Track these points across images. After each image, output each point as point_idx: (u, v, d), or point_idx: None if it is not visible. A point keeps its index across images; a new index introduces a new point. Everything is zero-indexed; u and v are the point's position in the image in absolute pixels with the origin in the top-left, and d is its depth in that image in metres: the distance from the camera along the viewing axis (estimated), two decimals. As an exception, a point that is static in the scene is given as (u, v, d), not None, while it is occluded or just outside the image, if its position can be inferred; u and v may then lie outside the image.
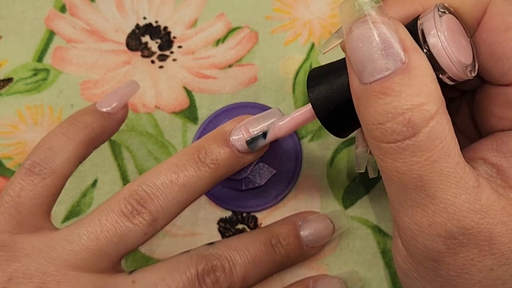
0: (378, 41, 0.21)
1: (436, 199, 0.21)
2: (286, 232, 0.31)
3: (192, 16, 0.35)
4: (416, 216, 0.22)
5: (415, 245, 0.23)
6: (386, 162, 0.22)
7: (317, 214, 0.32)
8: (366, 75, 0.21)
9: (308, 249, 0.32)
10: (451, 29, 0.22)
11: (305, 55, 0.35)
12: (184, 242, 0.33)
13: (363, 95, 0.22)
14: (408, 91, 0.21)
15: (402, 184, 0.22)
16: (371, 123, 0.22)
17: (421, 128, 0.21)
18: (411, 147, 0.21)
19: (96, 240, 0.26)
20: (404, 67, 0.21)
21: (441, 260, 0.22)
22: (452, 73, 0.22)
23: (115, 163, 0.34)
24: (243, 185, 0.32)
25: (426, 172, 0.21)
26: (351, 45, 0.21)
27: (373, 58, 0.21)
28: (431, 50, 0.22)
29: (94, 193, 0.34)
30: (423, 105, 0.21)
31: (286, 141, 0.34)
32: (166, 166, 0.27)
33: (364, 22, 0.21)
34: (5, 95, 0.35)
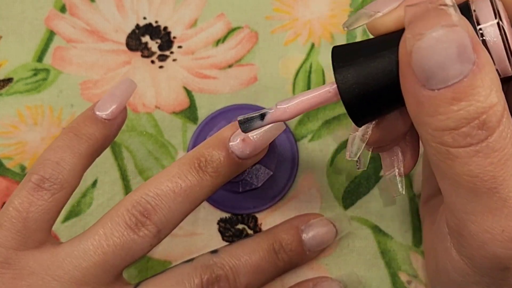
0: (455, 47, 0.19)
1: (509, 200, 0.20)
2: (289, 237, 0.31)
3: (192, 16, 0.35)
4: (487, 222, 0.21)
5: (482, 254, 0.22)
6: (455, 167, 0.20)
7: (319, 218, 0.32)
8: (436, 82, 0.19)
9: (310, 253, 0.32)
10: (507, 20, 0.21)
11: (305, 55, 0.35)
12: (184, 242, 0.33)
13: (429, 101, 0.20)
14: (482, 92, 0.19)
15: (474, 188, 0.21)
16: (440, 129, 0.20)
17: (495, 128, 0.20)
18: (485, 148, 0.20)
19: (103, 255, 0.25)
20: (475, 68, 0.19)
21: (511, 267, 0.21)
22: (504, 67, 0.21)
23: (115, 163, 0.34)
24: (240, 187, 0.32)
25: (500, 172, 0.20)
26: (421, 52, 0.19)
27: (448, 64, 0.19)
28: (487, 41, 0.20)
29: (94, 193, 0.34)
30: (495, 105, 0.20)
31: (282, 143, 0.34)
32: (168, 176, 0.26)
33: (443, 27, 0.19)
34: (5, 95, 0.35)
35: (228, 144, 0.27)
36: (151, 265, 0.33)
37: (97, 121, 0.28)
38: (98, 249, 0.25)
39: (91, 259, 0.25)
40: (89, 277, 0.25)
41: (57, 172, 0.27)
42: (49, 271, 0.25)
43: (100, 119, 0.28)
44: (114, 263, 0.26)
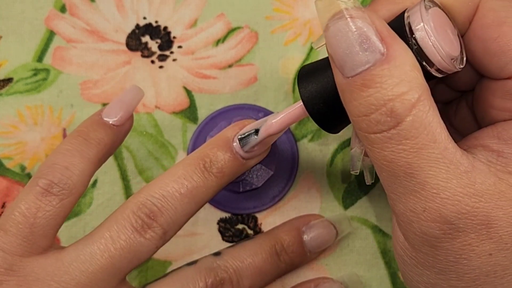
0: (355, 36, 0.21)
1: (427, 185, 0.21)
2: (290, 239, 0.31)
3: (192, 16, 0.35)
4: (410, 203, 0.22)
5: (411, 231, 0.23)
6: (374, 152, 0.22)
7: (320, 219, 0.32)
8: (348, 70, 0.21)
9: (310, 254, 0.32)
10: (438, 22, 0.23)
11: (305, 55, 0.35)
12: (184, 242, 0.33)
13: (346, 88, 0.22)
14: (388, 81, 0.21)
15: (392, 172, 0.22)
16: (356, 115, 0.22)
17: (404, 117, 0.21)
18: (396, 136, 0.21)
19: (110, 258, 0.25)
20: (383, 58, 0.21)
21: (438, 245, 0.22)
22: (440, 65, 0.22)
23: (115, 163, 0.34)
24: (241, 187, 0.32)
25: (414, 159, 0.21)
26: (330, 41, 0.22)
27: (352, 52, 0.21)
28: (418, 42, 0.22)
29: (94, 193, 0.34)
30: (404, 94, 0.21)
31: (282, 143, 0.34)
32: (173, 177, 0.26)
33: (339, 18, 0.21)
34: (5, 95, 0.35)
35: (232, 145, 0.27)
36: (151, 265, 0.33)
37: (105, 126, 0.28)
38: (105, 252, 0.25)
39: (98, 263, 0.25)
40: (95, 282, 0.25)
41: (66, 177, 0.26)
42: (55, 277, 0.25)
43: (109, 125, 0.28)
44: (121, 266, 0.25)
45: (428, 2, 0.23)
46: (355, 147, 0.26)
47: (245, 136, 0.27)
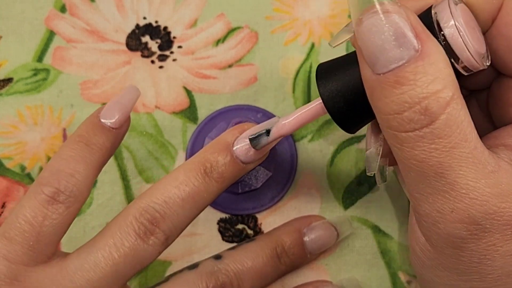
0: (391, 31, 0.21)
1: (456, 185, 0.21)
2: (291, 241, 0.31)
3: (192, 16, 0.35)
4: (437, 203, 0.22)
5: (436, 232, 0.23)
6: (404, 151, 0.22)
7: (321, 221, 0.32)
8: (380, 66, 0.21)
9: (311, 256, 0.32)
10: (466, 18, 0.22)
11: (305, 55, 0.35)
12: (184, 242, 0.33)
13: (377, 85, 0.21)
14: (423, 79, 0.20)
15: (421, 172, 0.22)
16: (387, 113, 0.21)
17: (438, 115, 0.21)
18: (429, 134, 0.21)
19: (114, 266, 0.25)
20: (417, 54, 0.21)
21: (463, 246, 0.22)
22: (469, 62, 0.22)
23: (115, 163, 0.34)
24: (239, 188, 0.32)
25: (445, 158, 0.21)
26: (363, 36, 0.21)
27: (386, 48, 0.21)
28: (448, 39, 0.22)
29: (94, 193, 0.34)
30: (438, 92, 0.20)
31: (281, 144, 0.34)
32: (175, 183, 0.26)
33: (374, 13, 0.21)
34: (5, 95, 0.35)
35: (232, 149, 0.27)
36: (151, 266, 0.33)
37: (105, 130, 0.27)
38: (109, 260, 0.25)
39: (102, 271, 0.25)
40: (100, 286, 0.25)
41: (71, 184, 0.26)
42: (60, 286, 0.25)
43: (108, 128, 0.27)
44: (124, 272, 0.25)
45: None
46: (371, 147, 0.26)
47: (256, 136, 0.26)
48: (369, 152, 0.26)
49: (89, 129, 0.27)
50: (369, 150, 0.26)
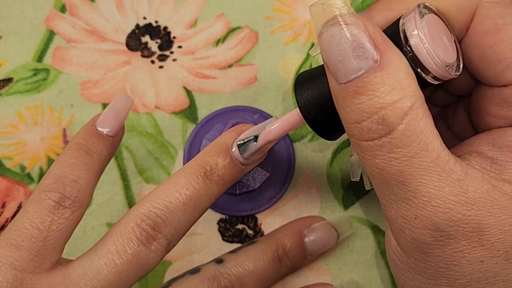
0: (348, 42, 0.21)
1: (418, 193, 0.21)
2: (292, 243, 0.31)
3: (192, 16, 0.35)
4: (402, 210, 0.22)
5: (403, 237, 0.23)
6: (366, 159, 0.22)
7: (322, 222, 0.32)
8: (341, 76, 0.21)
9: (311, 257, 0.32)
10: (433, 29, 0.22)
11: (305, 55, 0.35)
12: (184, 242, 0.33)
13: (340, 95, 0.22)
14: (381, 89, 0.21)
15: (384, 179, 0.22)
16: (348, 122, 0.22)
17: (395, 125, 0.21)
18: (387, 144, 0.21)
19: (118, 273, 0.25)
20: (376, 65, 0.21)
21: (429, 252, 0.22)
22: (435, 72, 0.22)
23: (115, 163, 0.34)
24: (237, 189, 0.32)
25: (405, 167, 0.21)
26: (323, 47, 0.22)
27: (345, 59, 0.21)
28: (413, 49, 0.22)
29: (94, 193, 0.34)
30: (396, 103, 0.21)
31: (279, 145, 0.34)
32: (176, 187, 0.26)
33: (333, 25, 0.21)
34: (5, 95, 0.35)
35: (231, 151, 0.27)
36: (151, 265, 0.33)
37: (103, 138, 0.28)
38: (112, 268, 0.25)
39: (106, 279, 0.25)
40: None
41: (76, 190, 0.26)
42: None
43: (105, 136, 0.28)
44: (128, 279, 0.25)
45: (423, 9, 0.23)
46: (355, 154, 0.26)
47: (244, 142, 0.27)
48: (353, 158, 0.26)
49: (87, 137, 0.27)
50: (353, 156, 0.26)
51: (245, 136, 0.27)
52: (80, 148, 0.27)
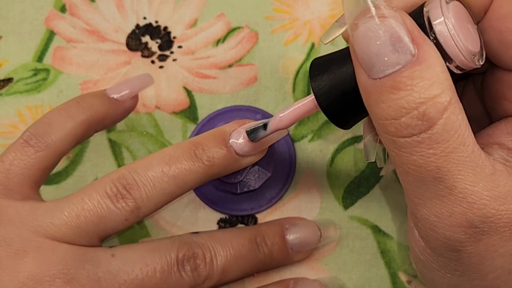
0: (387, 36, 0.20)
1: (455, 189, 0.21)
2: (272, 232, 0.31)
3: (192, 16, 0.35)
4: (436, 208, 0.22)
5: (434, 237, 0.23)
6: (401, 156, 0.21)
7: (305, 220, 0.32)
8: (376, 71, 0.21)
9: (293, 253, 0.31)
10: (458, 16, 0.22)
11: (305, 55, 0.35)
12: (184, 242, 0.33)
13: (373, 90, 0.21)
14: (420, 84, 0.20)
15: (419, 177, 0.21)
16: (384, 119, 0.21)
17: (436, 120, 0.20)
18: (427, 140, 0.21)
19: (76, 218, 0.26)
20: (414, 59, 0.20)
21: (462, 249, 0.22)
22: (460, 61, 0.22)
23: (115, 163, 0.34)
24: (238, 189, 0.32)
25: (444, 163, 0.21)
26: (358, 41, 0.21)
27: (383, 53, 0.20)
28: (438, 38, 0.21)
29: (94, 193, 0.34)
30: (436, 97, 0.20)
31: (280, 145, 0.34)
32: (160, 156, 0.27)
33: (370, 18, 0.20)
34: (5, 95, 0.35)
35: (228, 138, 0.27)
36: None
37: (103, 96, 0.29)
38: (73, 211, 0.26)
39: (64, 220, 0.26)
40: (61, 235, 0.26)
41: (45, 131, 0.28)
42: (25, 222, 0.26)
43: (108, 96, 0.29)
44: (86, 228, 0.26)
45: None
46: (368, 136, 0.26)
47: (253, 129, 0.27)
48: (367, 140, 0.26)
49: (88, 94, 0.30)
50: (367, 138, 0.26)
51: (254, 125, 0.27)
52: (74, 99, 0.29)
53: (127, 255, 0.27)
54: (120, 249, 0.27)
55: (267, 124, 0.26)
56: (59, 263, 0.26)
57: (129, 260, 0.27)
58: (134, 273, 0.27)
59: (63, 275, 0.26)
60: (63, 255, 0.26)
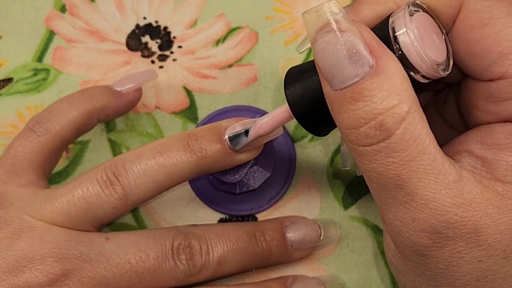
0: (344, 49, 0.21)
1: (416, 196, 0.22)
2: (272, 228, 0.31)
3: (192, 16, 0.35)
4: (399, 213, 0.22)
5: (401, 241, 0.23)
6: (363, 163, 0.22)
7: (306, 219, 0.32)
8: (336, 82, 0.21)
9: (293, 250, 0.31)
10: (423, 27, 0.22)
11: (305, 55, 0.35)
12: (184, 242, 0.33)
13: (335, 101, 0.22)
14: (378, 95, 0.21)
15: (381, 183, 0.22)
16: (345, 128, 0.22)
17: (393, 130, 0.21)
18: (385, 149, 0.21)
19: (67, 204, 0.27)
20: (372, 71, 0.21)
21: (428, 254, 0.22)
22: (424, 71, 0.22)
23: (115, 163, 0.34)
24: (237, 189, 0.32)
25: (403, 171, 0.21)
26: (318, 54, 0.22)
27: (341, 66, 0.21)
28: (402, 48, 0.22)
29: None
30: (394, 108, 0.21)
31: (280, 145, 0.34)
32: (153, 146, 0.27)
33: (328, 32, 0.21)
34: (5, 95, 0.35)
35: (223, 132, 0.28)
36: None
37: (106, 88, 0.31)
38: (64, 198, 0.27)
39: (57, 206, 0.27)
40: (54, 220, 0.27)
41: (47, 118, 0.29)
42: (24, 206, 0.27)
43: (111, 88, 0.31)
44: (76, 215, 0.27)
45: (412, 7, 0.23)
46: (344, 143, 0.26)
47: (235, 135, 0.27)
48: (344, 147, 0.27)
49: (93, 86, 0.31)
50: (343, 146, 0.27)
51: (235, 130, 0.27)
52: (78, 90, 0.31)
53: (121, 240, 0.28)
54: (115, 233, 0.28)
55: (249, 131, 0.27)
56: (51, 243, 0.27)
57: (123, 244, 0.27)
58: (127, 257, 0.27)
59: (54, 254, 0.26)
60: (56, 236, 0.27)
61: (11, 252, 0.26)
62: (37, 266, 0.26)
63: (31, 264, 0.26)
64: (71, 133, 0.30)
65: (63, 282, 0.26)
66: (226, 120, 0.28)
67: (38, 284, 0.26)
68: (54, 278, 0.26)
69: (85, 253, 0.27)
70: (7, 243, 0.27)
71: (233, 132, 0.27)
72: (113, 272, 0.27)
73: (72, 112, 0.29)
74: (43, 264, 0.26)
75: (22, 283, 0.26)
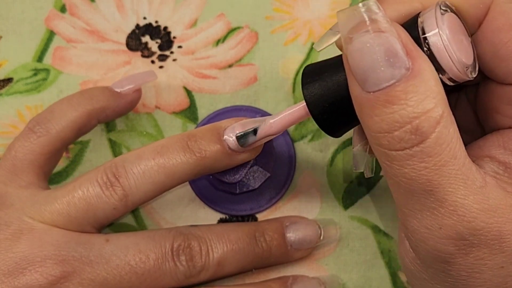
0: (382, 51, 0.20)
1: (445, 202, 0.21)
2: (272, 228, 0.31)
3: (192, 16, 0.35)
4: (426, 220, 0.22)
5: (424, 248, 0.23)
6: (393, 168, 0.21)
7: (306, 219, 0.32)
8: (370, 84, 0.21)
9: (293, 250, 0.31)
10: (453, 28, 0.22)
11: (305, 55, 0.35)
12: (184, 242, 0.33)
13: (367, 103, 0.21)
14: (414, 98, 0.20)
15: (410, 189, 0.21)
16: (377, 131, 0.21)
17: (429, 134, 0.20)
18: (419, 153, 0.21)
19: (67, 206, 0.27)
20: (408, 73, 0.20)
21: (451, 261, 0.22)
22: (453, 73, 0.22)
23: (115, 163, 0.34)
24: (237, 189, 0.32)
25: (435, 176, 0.21)
26: (353, 55, 0.21)
27: (377, 68, 0.20)
28: (432, 49, 0.21)
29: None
30: (429, 111, 0.20)
31: (280, 145, 0.34)
32: (153, 146, 0.27)
33: (365, 32, 0.20)
34: (5, 95, 0.35)
35: (222, 132, 0.27)
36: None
37: (105, 89, 0.31)
38: (64, 199, 0.27)
39: (57, 207, 0.27)
40: (54, 222, 0.27)
41: (47, 118, 0.29)
42: (24, 208, 0.27)
43: (111, 90, 0.31)
44: (77, 216, 0.27)
45: (444, 7, 0.22)
46: (357, 145, 0.26)
47: (243, 134, 0.27)
48: (356, 149, 0.26)
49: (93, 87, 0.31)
50: (356, 148, 0.26)
51: (244, 128, 0.27)
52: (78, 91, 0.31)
53: (121, 241, 0.28)
54: (115, 235, 0.28)
55: (257, 130, 0.27)
56: (51, 245, 0.27)
57: (122, 246, 0.27)
58: (127, 259, 0.27)
59: (54, 256, 0.26)
60: (56, 238, 0.27)
61: (11, 254, 0.26)
62: (37, 268, 0.26)
63: (31, 266, 0.26)
64: (71, 133, 0.30)
65: (63, 284, 0.26)
66: (226, 120, 0.28)
67: (38, 286, 0.26)
68: (54, 280, 0.26)
69: (85, 255, 0.27)
70: (7, 244, 0.27)
71: (242, 130, 0.27)
72: (113, 273, 0.27)
73: (72, 112, 0.30)
74: (43, 266, 0.26)
75: (22, 285, 0.26)
